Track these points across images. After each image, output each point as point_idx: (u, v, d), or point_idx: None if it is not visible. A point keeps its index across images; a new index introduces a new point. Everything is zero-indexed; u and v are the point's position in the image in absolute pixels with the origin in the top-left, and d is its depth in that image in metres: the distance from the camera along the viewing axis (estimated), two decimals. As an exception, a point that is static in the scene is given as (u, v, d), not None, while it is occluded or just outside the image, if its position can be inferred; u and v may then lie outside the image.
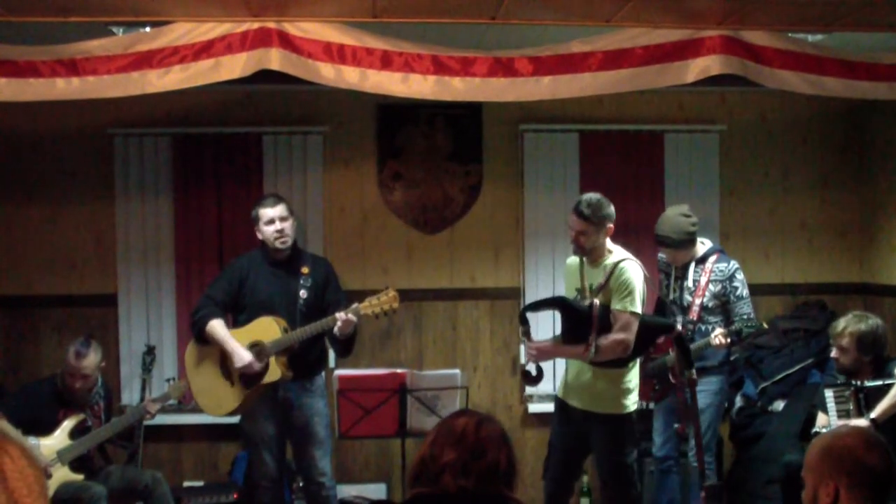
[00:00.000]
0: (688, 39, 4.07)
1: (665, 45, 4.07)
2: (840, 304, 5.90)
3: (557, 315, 4.47)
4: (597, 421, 4.22)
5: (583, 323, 4.09)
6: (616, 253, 4.24)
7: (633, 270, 4.16)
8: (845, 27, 4.18)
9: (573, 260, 4.41)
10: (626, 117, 5.83)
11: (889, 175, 5.77)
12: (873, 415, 4.36)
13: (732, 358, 5.78)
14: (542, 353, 4.26)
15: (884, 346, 4.59)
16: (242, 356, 4.39)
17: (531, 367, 4.26)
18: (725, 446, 5.72)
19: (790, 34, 4.20)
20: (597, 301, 4.11)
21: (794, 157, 6.04)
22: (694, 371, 4.10)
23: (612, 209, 4.21)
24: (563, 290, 4.57)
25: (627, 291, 4.10)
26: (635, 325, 4.10)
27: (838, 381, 4.61)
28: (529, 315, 4.32)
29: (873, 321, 4.58)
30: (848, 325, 4.57)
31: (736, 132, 5.96)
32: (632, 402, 4.24)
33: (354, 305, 4.37)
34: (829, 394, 4.59)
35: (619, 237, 5.73)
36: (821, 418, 4.66)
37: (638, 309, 4.14)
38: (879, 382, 4.46)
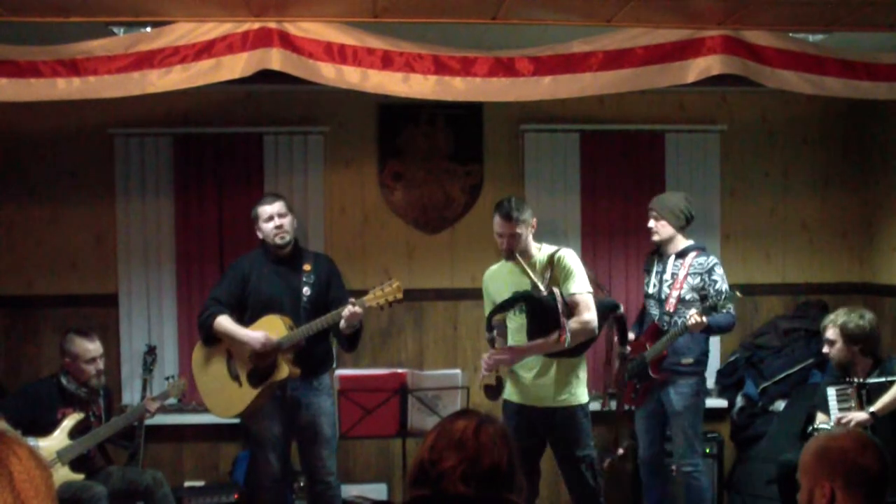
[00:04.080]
0: (688, 39, 4.08)
1: (666, 45, 4.07)
2: (841, 304, 5.87)
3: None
4: (562, 416, 4.28)
5: (549, 313, 4.10)
6: (544, 247, 4.32)
7: (572, 256, 4.29)
8: (845, 27, 4.18)
9: (495, 270, 4.46)
10: (627, 117, 5.83)
11: (889, 175, 5.77)
12: (874, 408, 4.38)
13: (732, 358, 5.81)
14: (515, 354, 4.26)
15: (871, 334, 4.57)
16: (255, 336, 4.39)
17: (491, 379, 4.26)
18: (726, 446, 5.72)
19: (791, 34, 4.20)
20: (556, 289, 4.14)
21: (795, 157, 6.04)
22: (628, 347, 4.55)
23: (530, 209, 4.33)
24: (485, 304, 4.50)
25: (575, 274, 4.21)
26: (593, 304, 4.21)
27: (842, 379, 4.61)
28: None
29: (857, 311, 4.62)
30: (831, 317, 4.66)
31: (737, 132, 5.96)
32: (586, 392, 4.38)
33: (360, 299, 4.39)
34: (831, 392, 4.59)
35: (619, 237, 5.77)
36: (820, 417, 4.66)
37: (590, 288, 4.24)
38: (882, 379, 4.46)
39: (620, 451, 4.81)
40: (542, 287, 4.15)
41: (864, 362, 4.58)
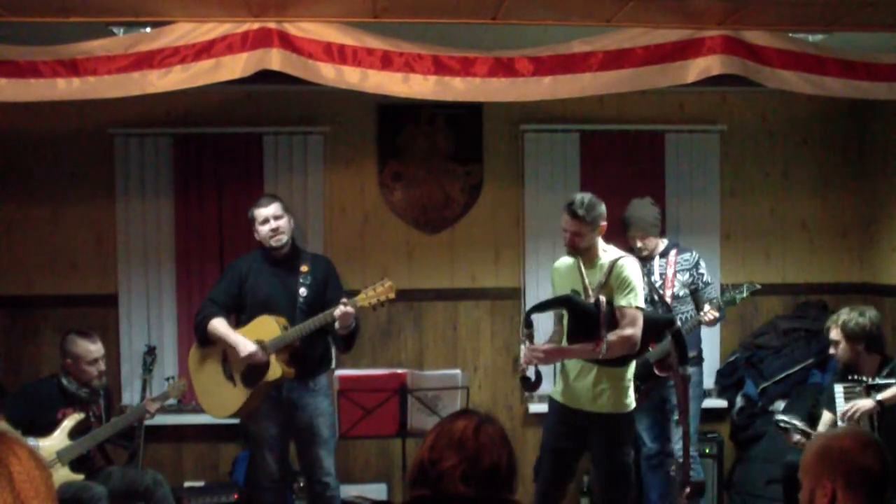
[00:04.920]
0: (688, 39, 4.07)
1: (666, 45, 4.07)
2: (841, 304, 5.85)
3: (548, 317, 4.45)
4: (600, 421, 4.18)
5: (590, 321, 4.04)
6: (610, 251, 4.23)
7: (633, 267, 4.16)
8: (845, 27, 4.18)
9: (564, 262, 4.39)
10: (627, 117, 5.83)
11: (889, 175, 5.77)
12: (880, 396, 4.33)
13: (732, 358, 5.82)
14: (550, 355, 4.22)
15: (873, 331, 4.53)
16: (246, 345, 4.41)
17: (531, 373, 4.22)
18: (726, 446, 5.72)
19: (791, 34, 4.20)
20: (602, 297, 4.07)
21: (795, 157, 6.04)
22: (688, 367, 4.19)
23: (604, 208, 4.18)
24: (552, 293, 4.48)
25: (630, 287, 4.10)
26: (641, 320, 4.10)
27: (849, 378, 4.57)
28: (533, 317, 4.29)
29: (858, 309, 4.60)
30: (833, 318, 4.64)
31: (736, 132, 5.96)
32: (632, 401, 4.24)
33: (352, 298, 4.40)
34: (838, 388, 4.52)
35: (619, 237, 5.76)
36: (826, 416, 4.63)
37: (642, 304, 4.16)
38: (892, 381, 4.41)
39: (688, 489, 4.63)
40: (590, 292, 4.12)
41: (870, 360, 4.53)
